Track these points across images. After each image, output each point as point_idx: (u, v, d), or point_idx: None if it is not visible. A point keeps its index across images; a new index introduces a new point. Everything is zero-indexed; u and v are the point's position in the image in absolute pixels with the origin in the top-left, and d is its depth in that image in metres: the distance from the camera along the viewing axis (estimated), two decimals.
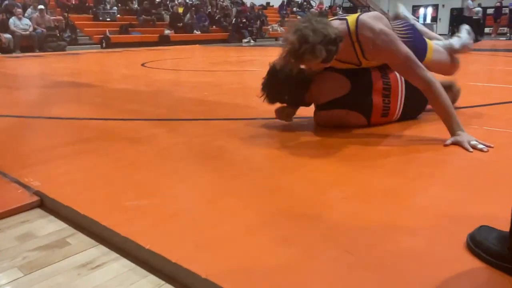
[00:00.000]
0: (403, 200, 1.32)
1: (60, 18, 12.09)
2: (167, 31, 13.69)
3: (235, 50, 10.60)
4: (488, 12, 16.82)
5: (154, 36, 13.21)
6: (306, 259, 0.98)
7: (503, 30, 15.65)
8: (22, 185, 1.49)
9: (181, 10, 14.91)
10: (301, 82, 2.11)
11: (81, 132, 2.25)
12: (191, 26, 14.49)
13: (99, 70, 6.05)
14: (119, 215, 1.23)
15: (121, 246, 1.12)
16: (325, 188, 1.41)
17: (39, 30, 10.78)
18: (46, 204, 1.39)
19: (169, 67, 6.31)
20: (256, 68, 5.80)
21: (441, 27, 21.14)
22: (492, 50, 8.34)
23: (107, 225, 1.17)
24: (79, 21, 12.78)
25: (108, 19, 13.16)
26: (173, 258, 0.99)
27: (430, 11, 23.49)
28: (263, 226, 1.15)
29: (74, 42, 11.78)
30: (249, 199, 1.34)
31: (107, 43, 11.91)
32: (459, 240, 1.04)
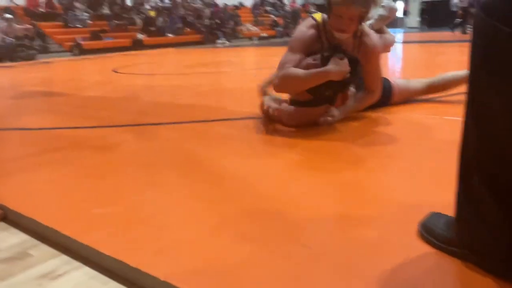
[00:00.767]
0: (361, 191, 1.36)
1: (29, 26, 11.85)
2: (140, 36, 13.58)
3: (210, 51, 10.59)
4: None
5: (127, 41, 13.08)
6: (264, 255, 1.00)
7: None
8: None
9: (153, 14, 14.80)
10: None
11: (48, 142, 2.23)
12: (164, 29, 14.40)
13: (70, 78, 5.96)
14: (82, 224, 1.23)
15: (82, 254, 1.12)
16: (287, 184, 1.44)
17: (8, 40, 10.56)
18: (9, 216, 1.38)
19: (141, 72, 6.27)
20: (230, 69, 5.82)
21: (411, 21, 21.51)
22: (462, 41, 8.53)
23: (69, 234, 1.17)
24: (49, 28, 12.56)
25: (78, 26, 12.98)
26: (133, 263, 1.00)
27: (401, 6, 23.85)
28: (225, 226, 1.17)
29: (44, 50, 11.58)
30: (214, 201, 1.35)
31: (79, 50, 11.75)
32: (412, 228, 1.07)
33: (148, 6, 15.42)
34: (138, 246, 1.09)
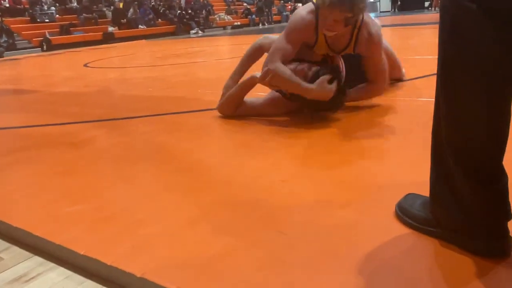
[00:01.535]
0: (341, 176, 1.35)
1: None
2: (111, 28, 13.28)
3: (183, 42, 10.44)
4: None
5: (97, 34, 12.78)
6: (242, 246, 0.99)
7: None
8: None
9: (121, 5, 14.42)
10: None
11: (14, 142, 2.16)
12: (136, 21, 14.11)
13: (40, 75, 5.79)
14: (53, 224, 1.19)
15: (56, 254, 1.09)
16: (264, 173, 1.43)
17: None
18: None
19: (113, 65, 6.13)
20: (204, 59, 5.75)
21: (383, 5, 21.67)
22: (432, 23, 8.64)
23: (40, 234, 1.13)
24: (15, 24, 12.15)
25: (46, 20, 12.60)
26: (108, 261, 0.97)
27: None
28: (202, 218, 1.15)
29: (12, 47, 11.20)
30: (189, 193, 1.33)
31: (48, 46, 11.41)
32: (389, 209, 1.08)
33: None
34: (113, 243, 1.06)
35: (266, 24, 17.58)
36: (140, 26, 14.09)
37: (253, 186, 1.33)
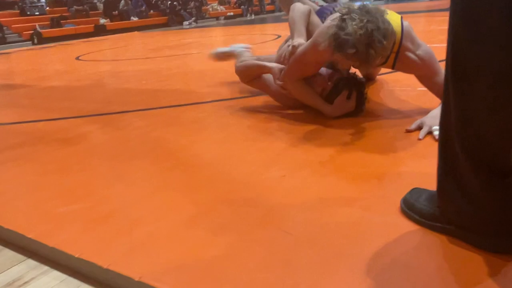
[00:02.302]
0: (342, 171, 1.32)
1: None
2: (103, 20, 13.09)
3: (176, 33, 10.32)
4: None
5: (89, 27, 12.59)
6: (244, 246, 0.96)
7: None
8: None
9: None
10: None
11: (7, 138, 2.10)
12: (128, 12, 13.92)
13: (31, 69, 5.69)
14: (47, 225, 1.15)
15: (50, 257, 1.05)
16: (264, 169, 1.39)
17: None
18: None
19: (105, 58, 6.04)
20: (197, 50, 5.67)
21: None
22: (427, 11, 8.59)
23: (33, 237, 1.09)
24: (5, 17, 11.94)
25: (36, 13, 12.39)
26: (104, 264, 0.94)
27: None
28: (201, 217, 1.11)
29: (2, 41, 11.03)
30: (187, 190, 1.29)
31: (39, 39, 11.23)
32: (394, 205, 1.05)
33: None
34: (109, 245, 1.02)
35: (253, 15, 17.32)
36: (132, 18, 13.91)
37: (253, 182, 1.29)
